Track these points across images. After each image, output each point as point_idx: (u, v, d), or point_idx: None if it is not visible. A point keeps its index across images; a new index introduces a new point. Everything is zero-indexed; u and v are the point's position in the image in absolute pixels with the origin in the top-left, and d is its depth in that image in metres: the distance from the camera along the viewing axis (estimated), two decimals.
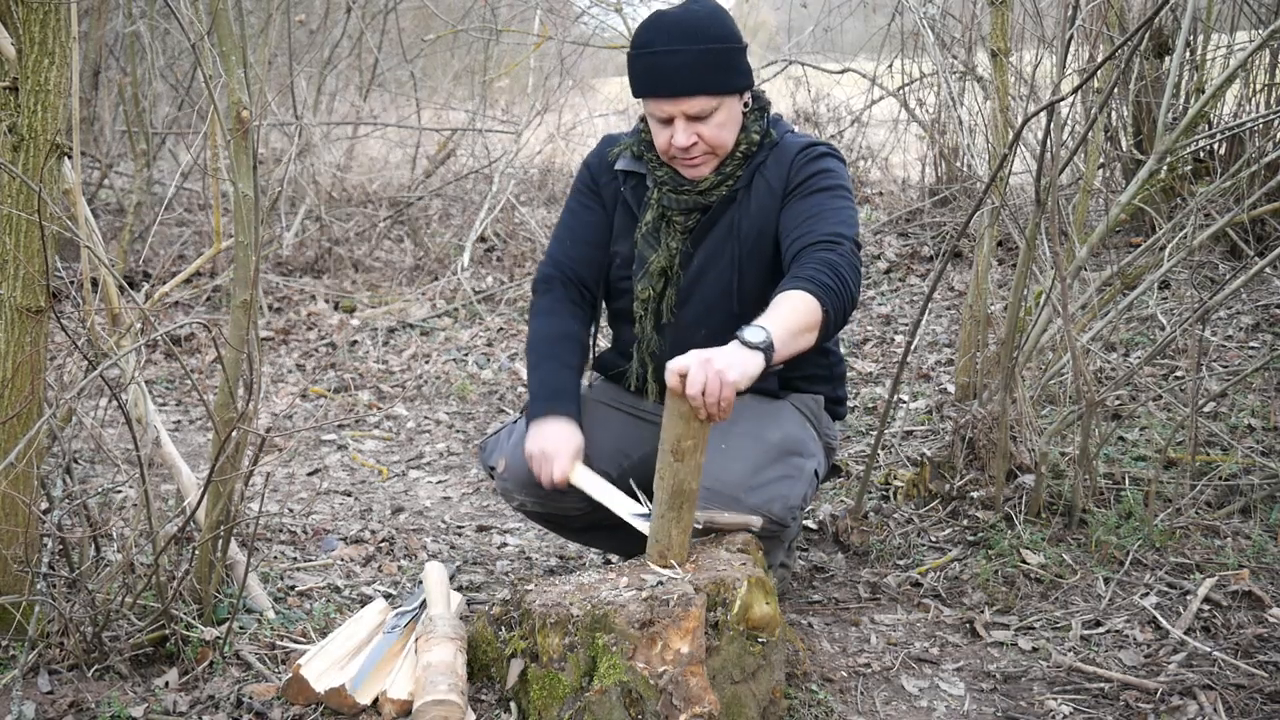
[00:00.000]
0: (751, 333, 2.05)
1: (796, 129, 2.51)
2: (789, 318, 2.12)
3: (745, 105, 2.39)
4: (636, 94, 2.36)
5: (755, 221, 2.41)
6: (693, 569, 2.15)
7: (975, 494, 3.03)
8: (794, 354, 2.13)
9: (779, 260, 2.38)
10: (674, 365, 2.01)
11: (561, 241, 2.59)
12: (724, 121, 2.33)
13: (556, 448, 2.36)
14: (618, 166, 2.51)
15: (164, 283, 4.58)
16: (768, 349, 2.04)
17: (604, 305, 2.64)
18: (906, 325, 4.87)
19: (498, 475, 2.50)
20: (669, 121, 2.33)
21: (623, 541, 2.53)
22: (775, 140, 2.43)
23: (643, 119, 2.46)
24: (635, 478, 2.42)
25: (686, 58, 2.27)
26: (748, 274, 2.42)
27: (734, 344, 2.04)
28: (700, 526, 2.25)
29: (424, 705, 2.03)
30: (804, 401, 2.53)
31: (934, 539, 2.93)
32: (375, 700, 2.13)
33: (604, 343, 2.74)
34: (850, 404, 3.86)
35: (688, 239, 2.45)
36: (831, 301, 2.18)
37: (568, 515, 2.52)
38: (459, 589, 2.68)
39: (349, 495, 3.46)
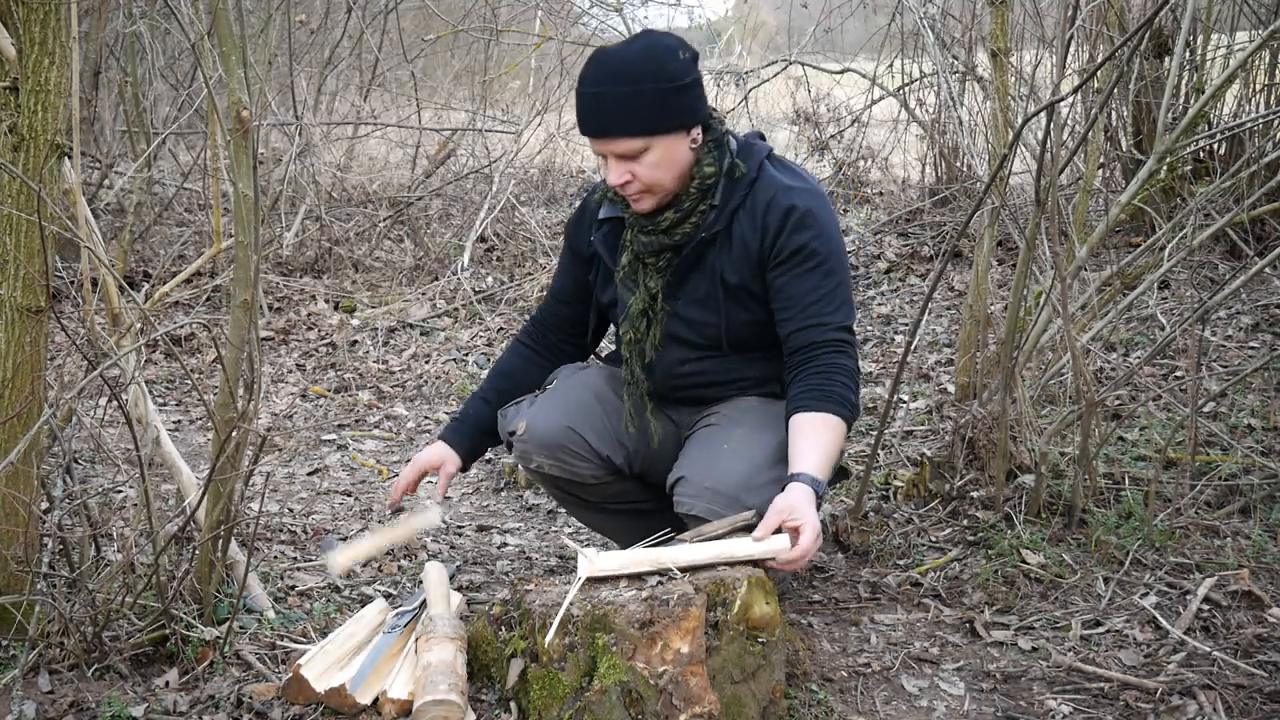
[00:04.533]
0: (820, 485, 2.20)
1: (774, 152, 2.46)
2: (831, 451, 2.27)
3: (694, 141, 2.33)
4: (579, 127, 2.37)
5: (737, 270, 2.40)
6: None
7: (975, 494, 3.03)
8: None
9: (763, 305, 2.42)
10: (789, 519, 2.13)
11: (547, 304, 2.73)
12: (658, 162, 2.29)
13: (416, 458, 2.63)
14: (600, 215, 2.53)
15: (164, 283, 4.58)
16: (821, 493, 2.21)
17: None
18: (906, 325, 4.87)
19: (516, 438, 2.53)
20: (605, 158, 2.33)
21: (628, 529, 2.56)
22: (750, 176, 2.38)
23: None
24: (634, 466, 2.57)
25: (612, 100, 2.25)
26: (734, 317, 2.44)
27: (811, 499, 2.16)
28: (688, 543, 2.25)
29: (424, 705, 2.03)
30: None
31: (934, 539, 2.93)
32: (375, 700, 2.13)
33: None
34: None
35: (665, 278, 2.45)
36: (851, 413, 2.32)
37: (584, 482, 2.56)
38: (459, 589, 2.68)
39: (349, 495, 3.46)
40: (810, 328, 2.34)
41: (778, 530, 2.14)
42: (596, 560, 2.10)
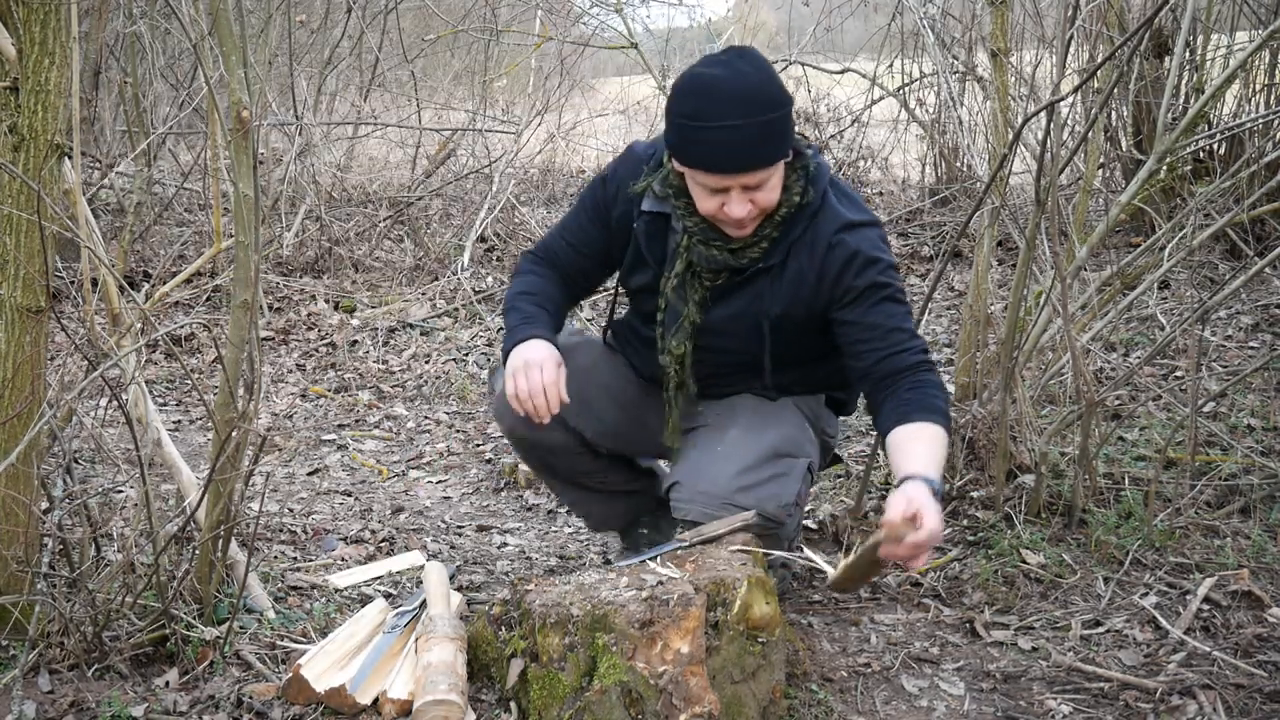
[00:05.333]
0: (936, 484, 2.10)
1: (832, 175, 2.37)
2: (938, 456, 2.19)
3: (789, 159, 2.25)
4: (684, 164, 2.21)
5: (783, 301, 2.34)
6: (693, 569, 2.16)
7: (975, 494, 3.03)
8: None
9: (804, 332, 2.37)
10: (913, 514, 2.00)
11: (557, 240, 2.55)
12: (777, 184, 2.21)
13: (542, 356, 2.31)
14: (644, 207, 2.38)
15: (164, 283, 4.58)
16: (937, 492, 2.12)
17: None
18: None
19: (496, 395, 2.51)
20: (721, 190, 2.18)
21: (601, 509, 2.65)
22: (815, 205, 2.29)
23: (668, 154, 2.28)
24: (612, 442, 2.58)
25: (748, 133, 2.11)
26: (777, 346, 2.39)
27: (924, 488, 2.06)
28: (688, 544, 2.27)
29: (424, 705, 2.03)
30: (804, 400, 2.53)
31: None
32: (375, 700, 2.14)
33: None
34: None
35: (709, 294, 2.38)
36: (950, 427, 2.28)
37: (553, 448, 2.55)
38: (459, 589, 2.68)
39: (349, 495, 3.46)
40: (896, 354, 2.28)
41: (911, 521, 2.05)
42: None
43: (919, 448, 2.16)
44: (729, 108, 2.10)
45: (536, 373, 2.29)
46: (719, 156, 2.14)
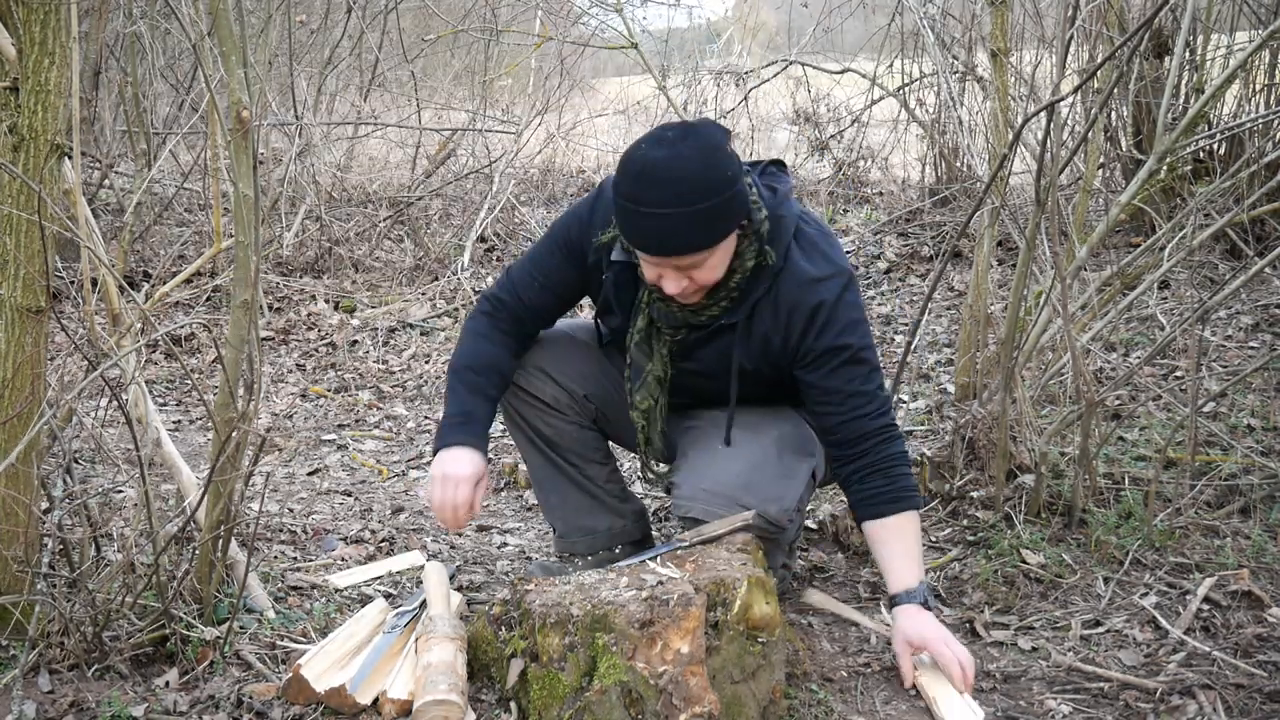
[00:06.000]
0: (923, 593, 2.31)
1: (802, 218, 2.34)
2: (918, 551, 2.35)
3: (740, 228, 2.22)
4: (625, 239, 2.24)
5: (752, 359, 2.37)
6: (693, 569, 2.16)
7: (975, 494, 3.03)
8: None
9: (770, 385, 2.42)
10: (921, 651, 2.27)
11: (527, 276, 2.51)
12: (717, 264, 2.20)
13: (460, 474, 2.35)
14: (613, 257, 2.39)
15: (164, 283, 4.58)
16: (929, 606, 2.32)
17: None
18: (906, 325, 4.87)
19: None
20: (658, 265, 2.21)
21: (585, 506, 2.65)
22: (778, 264, 2.27)
23: None
24: (594, 406, 2.62)
25: (677, 221, 2.10)
26: (743, 389, 2.41)
27: (932, 616, 2.29)
28: (688, 544, 2.27)
29: (424, 705, 2.03)
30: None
31: (934, 539, 2.93)
32: (375, 700, 2.14)
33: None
34: None
35: (678, 348, 2.42)
36: (921, 502, 2.44)
37: (545, 405, 2.61)
38: (459, 589, 2.68)
39: (349, 495, 3.46)
40: (856, 419, 2.32)
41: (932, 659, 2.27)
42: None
43: (897, 549, 2.33)
44: (661, 195, 2.10)
45: (452, 489, 2.35)
46: (650, 241, 2.16)
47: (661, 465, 2.64)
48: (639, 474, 2.88)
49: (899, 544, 2.32)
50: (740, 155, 2.28)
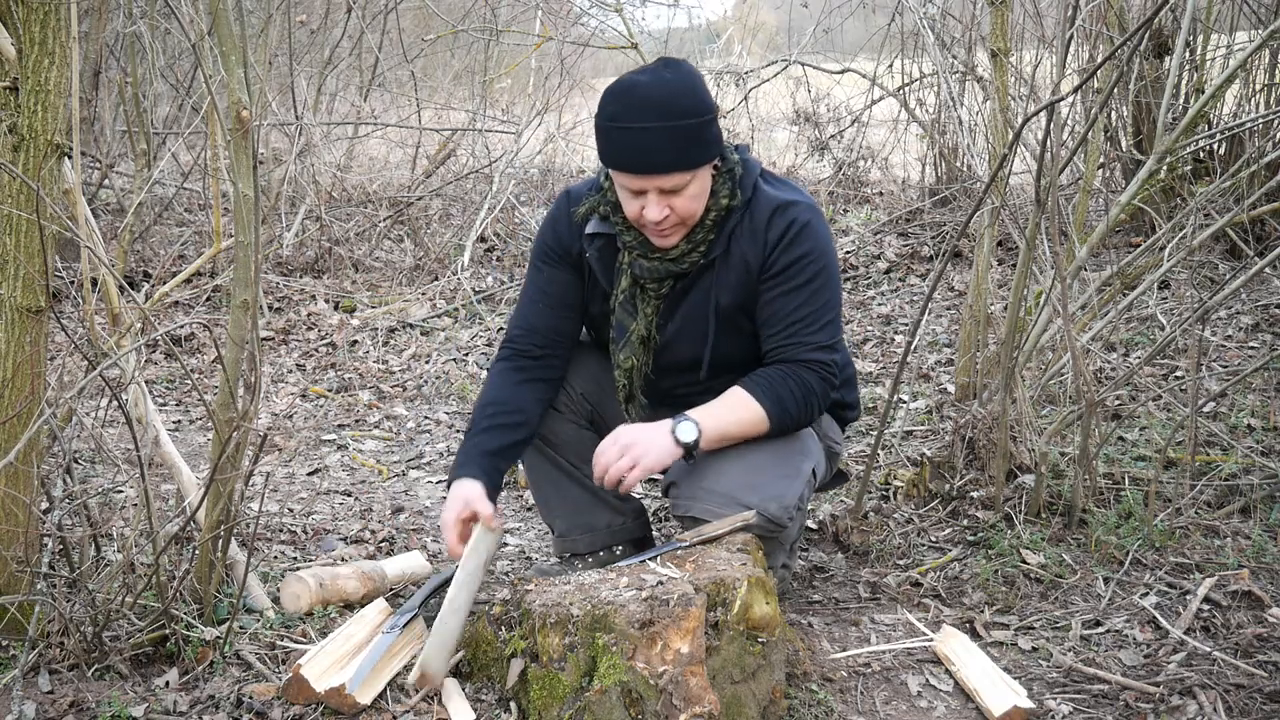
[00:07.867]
0: (684, 430, 2.28)
1: (765, 168, 2.44)
2: (728, 426, 2.32)
3: (714, 169, 2.33)
4: (606, 164, 2.30)
5: (732, 295, 2.39)
6: (693, 569, 2.16)
7: (975, 494, 3.03)
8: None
9: (744, 334, 2.43)
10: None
11: (529, 305, 2.54)
12: (696, 193, 2.28)
13: (451, 517, 2.34)
14: (588, 229, 2.45)
15: (164, 283, 4.58)
16: (691, 447, 2.29)
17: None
18: (906, 325, 4.87)
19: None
20: (640, 193, 2.27)
21: (577, 502, 2.64)
22: (746, 199, 2.36)
23: (606, 175, 2.40)
24: (590, 406, 2.62)
25: (660, 136, 2.20)
26: (721, 343, 2.43)
27: (664, 431, 2.26)
28: (688, 544, 2.27)
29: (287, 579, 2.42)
30: None
31: (934, 539, 2.93)
32: (375, 700, 2.14)
33: None
34: None
35: (662, 304, 2.44)
36: (782, 423, 2.34)
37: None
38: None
39: (349, 495, 3.46)
40: (789, 346, 2.35)
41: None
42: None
43: (721, 406, 2.32)
44: (643, 111, 2.20)
45: (446, 532, 2.34)
46: (631, 157, 2.24)
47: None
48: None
49: (726, 409, 2.32)
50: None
